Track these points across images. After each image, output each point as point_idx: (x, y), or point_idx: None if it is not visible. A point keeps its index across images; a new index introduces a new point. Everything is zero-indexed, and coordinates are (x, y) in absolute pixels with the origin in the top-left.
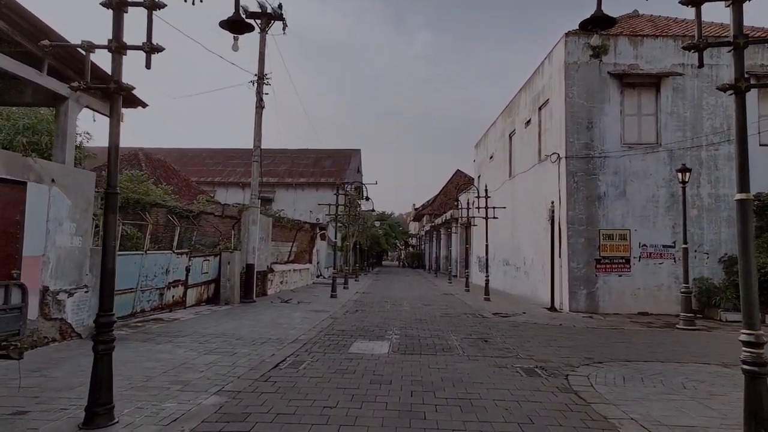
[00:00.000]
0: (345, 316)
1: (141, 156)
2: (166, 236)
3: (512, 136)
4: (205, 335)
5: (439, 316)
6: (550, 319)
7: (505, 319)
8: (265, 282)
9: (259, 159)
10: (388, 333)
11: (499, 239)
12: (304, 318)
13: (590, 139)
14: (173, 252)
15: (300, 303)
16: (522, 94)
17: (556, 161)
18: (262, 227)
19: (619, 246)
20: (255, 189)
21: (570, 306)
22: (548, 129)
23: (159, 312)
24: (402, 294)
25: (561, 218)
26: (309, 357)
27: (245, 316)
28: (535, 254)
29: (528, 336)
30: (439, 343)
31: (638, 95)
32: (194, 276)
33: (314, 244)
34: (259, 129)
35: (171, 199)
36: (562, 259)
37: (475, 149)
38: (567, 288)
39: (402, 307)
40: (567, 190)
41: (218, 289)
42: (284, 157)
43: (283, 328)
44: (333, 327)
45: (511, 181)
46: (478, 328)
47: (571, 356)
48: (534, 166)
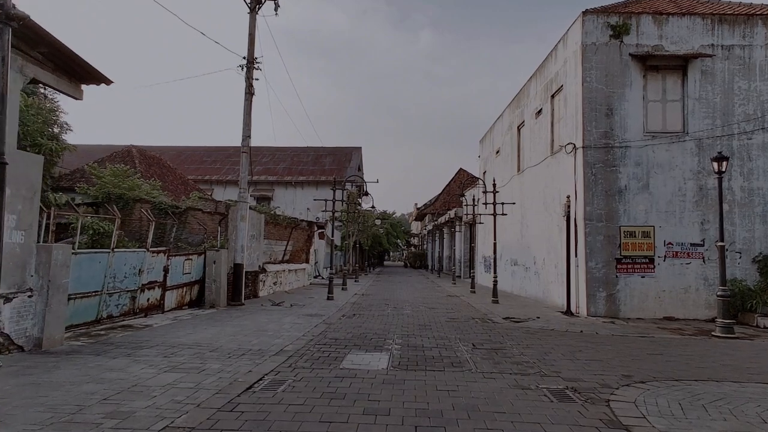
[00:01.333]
0: (340, 322)
1: (134, 152)
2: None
3: (521, 129)
4: (175, 346)
5: (445, 321)
6: (567, 324)
7: (518, 325)
8: (256, 283)
9: (248, 150)
10: (388, 342)
11: (506, 238)
12: (294, 324)
13: (610, 128)
14: (147, 250)
15: (293, 306)
16: (532, 83)
17: (571, 152)
18: (253, 224)
19: (642, 244)
20: (244, 182)
21: (588, 310)
22: (562, 118)
23: (131, 317)
24: (404, 296)
25: (577, 214)
26: (292, 374)
27: (229, 322)
28: (547, 253)
29: (548, 346)
30: (447, 355)
31: (663, 79)
32: (174, 277)
33: (311, 243)
34: (249, 117)
35: (159, 194)
36: (578, 258)
37: (480, 144)
38: (584, 290)
39: (404, 310)
40: (584, 184)
41: (203, 291)
42: (283, 155)
43: (269, 336)
44: (326, 334)
45: (519, 176)
46: (490, 336)
47: (605, 373)
48: (546, 159)
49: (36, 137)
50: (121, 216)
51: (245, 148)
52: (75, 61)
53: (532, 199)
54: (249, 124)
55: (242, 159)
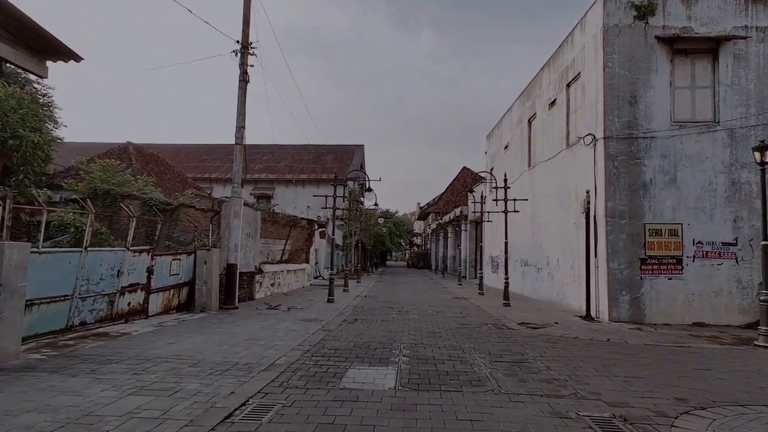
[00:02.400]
0: (341, 328)
1: (131, 149)
2: (140, 232)
3: (532, 122)
4: (150, 359)
5: (456, 327)
6: (590, 331)
7: (536, 332)
8: (251, 285)
9: (242, 142)
10: (395, 353)
11: (516, 237)
12: (290, 330)
13: (633, 117)
14: (127, 249)
15: (290, 310)
16: (544, 73)
17: (590, 144)
18: (248, 222)
19: (669, 243)
20: (237, 177)
21: (610, 314)
22: (579, 108)
23: (108, 324)
24: (409, 298)
25: (597, 211)
26: (282, 397)
27: (217, 329)
28: (561, 253)
29: (575, 358)
30: (463, 370)
31: (691, 64)
32: (160, 278)
33: (312, 242)
34: (243, 107)
35: (152, 191)
36: (598, 258)
37: (487, 140)
38: (606, 293)
39: (410, 314)
40: (605, 178)
41: (193, 294)
42: (284, 153)
43: (260, 347)
44: (324, 344)
45: (530, 171)
46: (508, 345)
47: (653, 394)
48: (560, 153)
49: (17, 128)
50: (110, 213)
51: (239, 140)
52: (37, 32)
53: (544, 196)
54: (243, 114)
55: (236, 151)
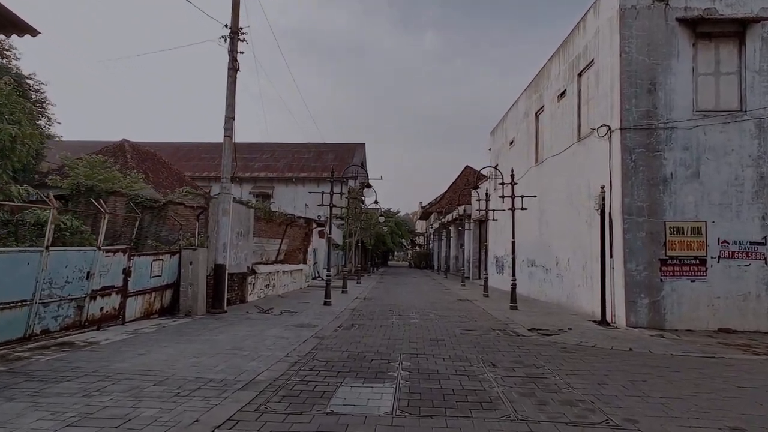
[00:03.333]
0: (336, 335)
1: (126, 147)
2: (126, 230)
3: (539, 115)
4: (110, 376)
5: (461, 333)
6: (608, 338)
7: (549, 340)
8: (243, 286)
9: (231, 134)
10: (393, 366)
11: (522, 236)
12: (279, 338)
13: (652, 106)
14: (98, 249)
15: (283, 314)
16: (553, 63)
17: (605, 135)
18: (240, 220)
19: (692, 242)
20: (226, 171)
21: (627, 319)
22: (592, 98)
23: (77, 332)
24: (410, 300)
25: (613, 207)
26: (256, 426)
27: (199, 336)
28: (572, 253)
29: (598, 372)
30: (471, 387)
31: (716, 48)
32: (139, 280)
33: (310, 241)
34: (233, 97)
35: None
36: (614, 259)
37: (491, 136)
38: (623, 296)
39: (411, 319)
40: (622, 172)
41: (178, 297)
42: (284, 152)
43: (242, 358)
44: (315, 354)
45: (538, 167)
46: (520, 356)
47: (702, 422)
48: (571, 146)
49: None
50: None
51: (228, 132)
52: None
53: (553, 192)
54: (233, 104)
55: (224, 144)
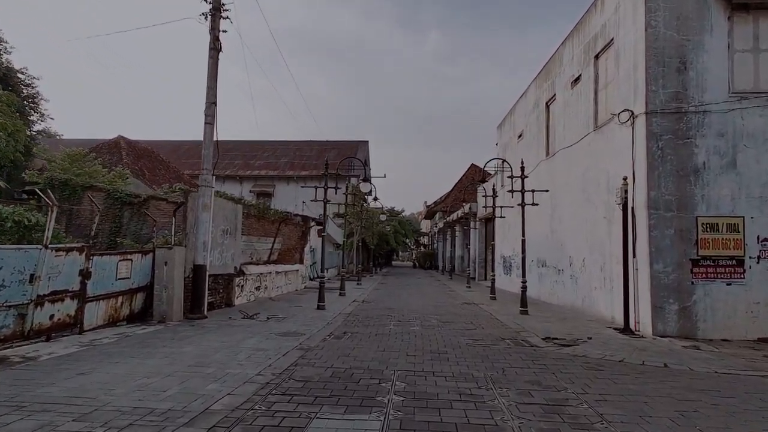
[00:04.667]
0: (324, 346)
1: (122, 143)
2: (104, 227)
3: (550, 105)
4: (25, 406)
5: (466, 344)
6: (635, 350)
7: (568, 353)
8: (229, 289)
9: (214, 120)
10: (384, 387)
11: (532, 234)
12: (255, 351)
13: (682, 87)
14: (44, 247)
15: (269, 319)
16: (566, 47)
17: (627, 121)
18: (226, 217)
19: (727, 241)
20: (207, 162)
21: (654, 327)
22: (612, 81)
23: (19, 343)
24: (411, 304)
25: (637, 201)
26: None
27: (163, 348)
28: (588, 252)
29: (634, 396)
30: (478, 419)
31: (754, 22)
32: (101, 283)
33: (306, 240)
34: (214, 80)
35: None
36: (638, 259)
37: (498, 130)
38: (648, 301)
39: (411, 325)
40: (647, 161)
41: (151, 301)
42: (285, 150)
43: (203, 378)
44: (294, 372)
45: (548, 160)
46: (536, 374)
47: None
48: (587, 136)
49: None
50: (68, 207)
51: (209, 119)
52: None
53: (567, 187)
54: (214, 87)
55: (205, 132)
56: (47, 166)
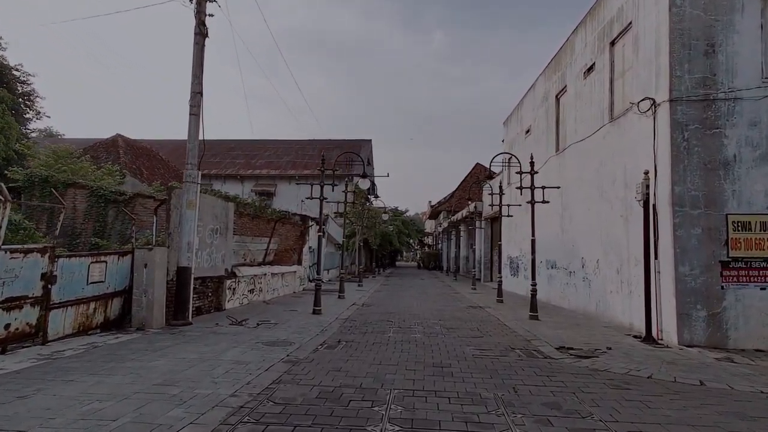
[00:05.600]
0: (314, 357)
1: (120, 142)
2: (87, 226)
3: (560, 97)
4: None
5: (473, 355)
6: (663, 363)
7: (586, 366)
8: (220, 292)
9: (199, 112)
10: (377, 414)
11: (541, 234)
12: (236, 363)
13: (710, 72)
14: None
15: (259, 325)
16: (578, 35)
17: (648, 110)
18: (216, 215)
19: (762, 241)
20: (192, 156)
21: (679, 336)
22: (630, 68)
23: None
24: (414, 307)
25: (659, 198)
26: None
27: (130, 362)
28: (603, 253)
29: (675, 428)
30: None
31: None
32: (70, 288)
33: (305, 240)
34: (200, 67)
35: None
36: (660, 261)
37: (505, 127)
38: (673, 307)
39: (412, 333)
40: (671, 154)
41: (129, 307)
42: (287, 149)
43: (165, 402)
44: (274, 392)
45: (558, 156)
46: (554, 394)
47: None
48: (601, 129)
49: None
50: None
51: (194, 109)
52: None
53: (579, 183)
54: (200, 76)
55: (190, 124)
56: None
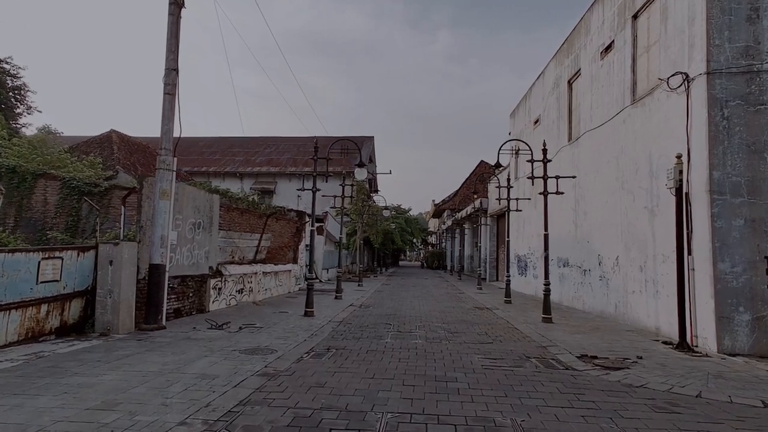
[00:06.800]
0: (296, 368)
1: (114, 137)
2: (58, 221)
3: (573, 83)
4: None
5: (482, 366)
6: (707, 377)
7: (617, 379)
8: (202, 293)
9: (175, 91)
10: None
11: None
12: (199, 379)
13: (754, 40)
14: None
15: (242, 330)
16: (594, 12)
17: (680, 86)
18: (198, 208)
19: None
20: (166, 140)
21: (719, 342)
22: (656, 42)
23: None
24: (415, 309)
25: (694, 185)
26: None
27: (72, 377)
28: (624, 249)
29: None
30: None
31: None
32: (15, 288)
33: (301, 237)
34: (175, 39)
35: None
36: (695, 257)
37: (511, 119)
38: (712, 309)
39: (413, 338)
40: (709, 134)
41: (91, 309)
42: (289, 145)
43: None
44: (236, 418)
45: (571, 146)
46: (585, 420)
47: None
48: (622, 112)
49: None
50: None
51: (169, 88)
52: None
53: (595, 174)
54: (175, 51)
55: (164, 104)
56: None
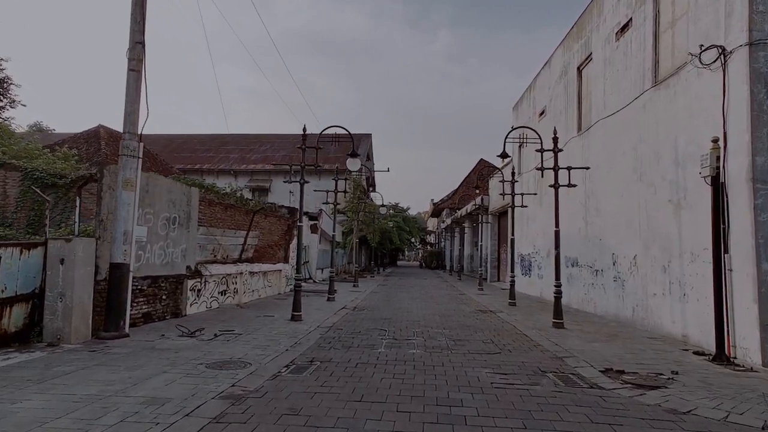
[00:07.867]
0: (268, 389)
1: (102, 133)
2: (19, 216)
3: (583, 69)
4: None
5: (491, 384)
6: (763, 398)
7: (656, 402)
8: (178, 295)
9: (141, 68)
10: None
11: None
12: (144, 405)
13: None
14: None
15: (218, 336)
16: None
17: (714, 62)
18: (173, 202)
19: None
20: (132, 123)
21: (764, 354)
22: (682, 15)
23: None
24: (413, 312)
25: (732, 173)
26: None
27: None
28: (643, 248)
29: None
30: None
31: None
32: None
33: (293, 235)
34: (142, 12)
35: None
36: (733, 255)
37: (514, 112)
38: (755, 315)
39: (410, 347)
40: (751, 114)
41: (38, 315)
42: (284, 143)
43: None
44: None
45: (582, 137)
46: None
47: None
48: (641, 96)
49: None
50: None
51: (134, 64)
52: None
53: (609, 166)
54: (142, 22)
55: (128, 81)
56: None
